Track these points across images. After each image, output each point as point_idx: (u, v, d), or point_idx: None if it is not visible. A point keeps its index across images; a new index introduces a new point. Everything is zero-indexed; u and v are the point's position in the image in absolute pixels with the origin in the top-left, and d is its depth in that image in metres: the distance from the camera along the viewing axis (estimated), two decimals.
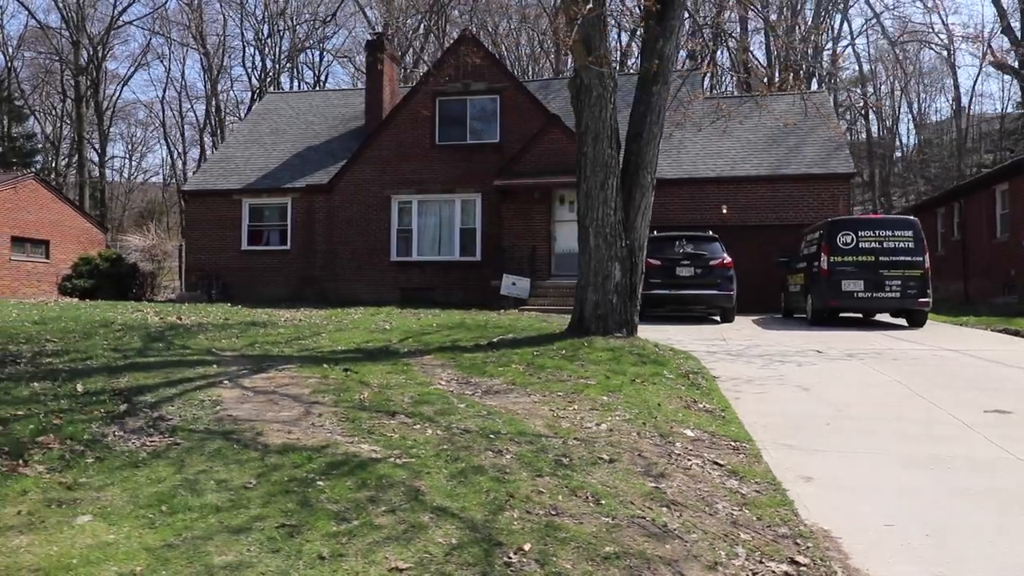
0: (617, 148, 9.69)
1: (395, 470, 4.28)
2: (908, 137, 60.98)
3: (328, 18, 54.22)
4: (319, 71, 59.98)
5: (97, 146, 58.23)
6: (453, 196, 21.79)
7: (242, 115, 59.95)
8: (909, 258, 13.63)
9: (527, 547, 3.36)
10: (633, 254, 9.67)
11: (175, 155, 66.34)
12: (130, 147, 76.04)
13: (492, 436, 5.12)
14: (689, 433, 5.68)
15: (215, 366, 7.63)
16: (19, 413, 5.51)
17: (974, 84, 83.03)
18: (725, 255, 15.19)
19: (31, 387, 6.50)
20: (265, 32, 57.85)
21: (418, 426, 5.36)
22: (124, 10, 57.17)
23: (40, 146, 56.74)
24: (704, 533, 3.78)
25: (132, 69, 71.27)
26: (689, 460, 5.04)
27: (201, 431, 5.10)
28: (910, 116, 58.92)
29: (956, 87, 52.33)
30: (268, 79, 57.81)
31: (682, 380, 7.59)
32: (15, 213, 27.87)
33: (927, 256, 13.75)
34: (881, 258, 13.68)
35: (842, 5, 45.11)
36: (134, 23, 69.05)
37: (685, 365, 8.43)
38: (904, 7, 63.56)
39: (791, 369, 8.72)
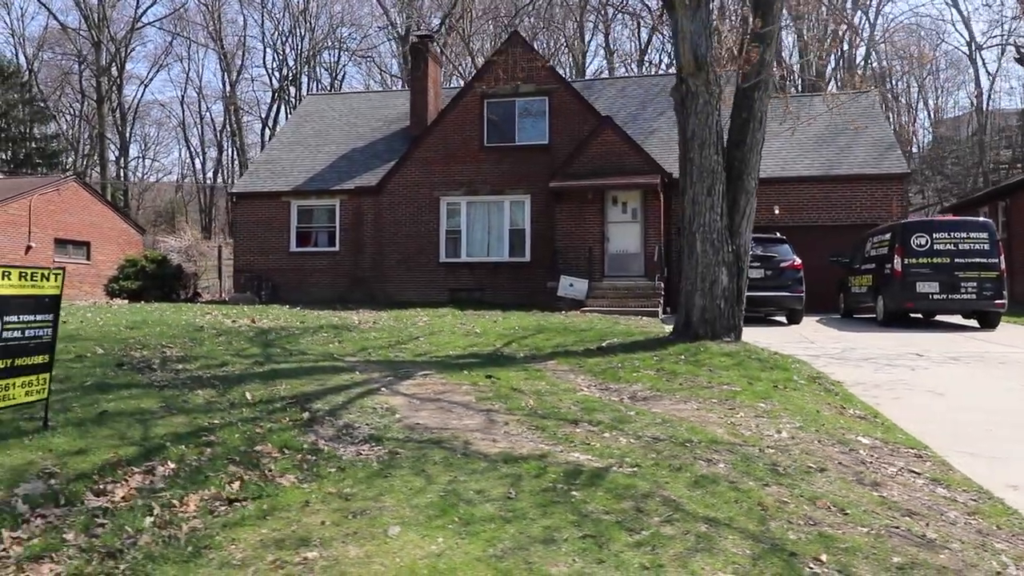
0: (721, 154, 9.80)
1: (633, 480, 4.40)
2: (924, 134, 60.86)
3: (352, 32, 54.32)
4: (335, 72, 60.04)
5: (117, 147, 58.55)
6: (502, 197, 21.91)
7: (262, 115, 60.31)
8: (984, 260, 13.73)
9: (823, 557, 3.48)
10: (739, 259, 9.80)
11: (193, 154, 66.69)
12: (143, 147, 76.26)
13: (687, 444, 5.24)
14: (864, 440, 5.80)
15: (357, 372, 7.76)
16: (215, 422, 5.66)
17: (992, 81, 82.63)
18: (795, 257, 15.31)
19: (197, 395, 6.65)
20: (286, 29, 58.10)
21: (607, 434, 5.49)
22: (145, 11, 57.38)
23: (63, 147, 56.88)
24: (961, 543, 3.89)
25: (154, 71, 71.48)
26: (885, 468, 5.15)
27: (404, 439, 5.23)
28: (926, 112, 58.90)
29: (977, 83, 52.14)
30: (287, 79, 58.00)
31: (814, 385, 7.70)
32: (58, 215, 28.10)
33: (1002, 258, 13.85)
34: (956, 260, 13.78)
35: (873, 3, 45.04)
36: (153, 24, 69.48)
37: (804, 370, 8.54)
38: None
39: (907, 373, 8.83)
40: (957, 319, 15.38)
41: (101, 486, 4.30)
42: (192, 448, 4.99)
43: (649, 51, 54.03)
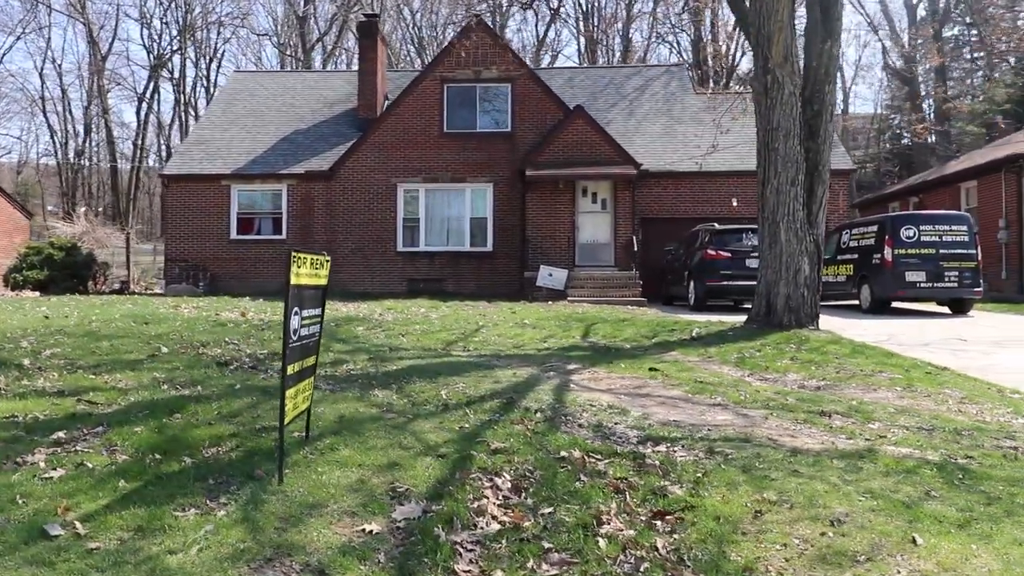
0: (802, 145, 9.93)
1: (1003, 472, 4.31)
2: None
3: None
4: (212, 53, 56.53)
5: None
6: (463, 185, 21.38)
7: (138, 89, 55.91)
8: (964, 251, 14.71)
9: None
10: (818, 248, 9.98)
11: (53, 132, 60.89)
12: None
13: (963, 433, 5.20)
14: None
15: (509, 369, 7.27)
16: (464, 426, 5.11)
17: (849, 85, 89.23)
18: None
19: (376, 396, 6.01)
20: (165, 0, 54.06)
21: (874, 425, 5.38)
22: None
23: None
24: None
25: (13, 40, 64.69)
26: None
27: (689, 438, 4.90)
28: None
29: (843, 86, 56.12)
30: (165, 55, 54.12)
31: (947, 372, 7.89)
32: None
33: (979, 249, 14.92)
34: (941, 251, 14.69)
35: None
36: None
37: (909, 358, 8.77)
38: None
39: (987, 359, 9.16)
40: (926, 307, 16.44)
41: (473, 505, 3.76)
42: (493, 456, 4.46)
43: (544, 45, 54.65)
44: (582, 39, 44.70)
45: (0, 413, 5.26)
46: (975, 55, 49.53)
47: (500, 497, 3.95)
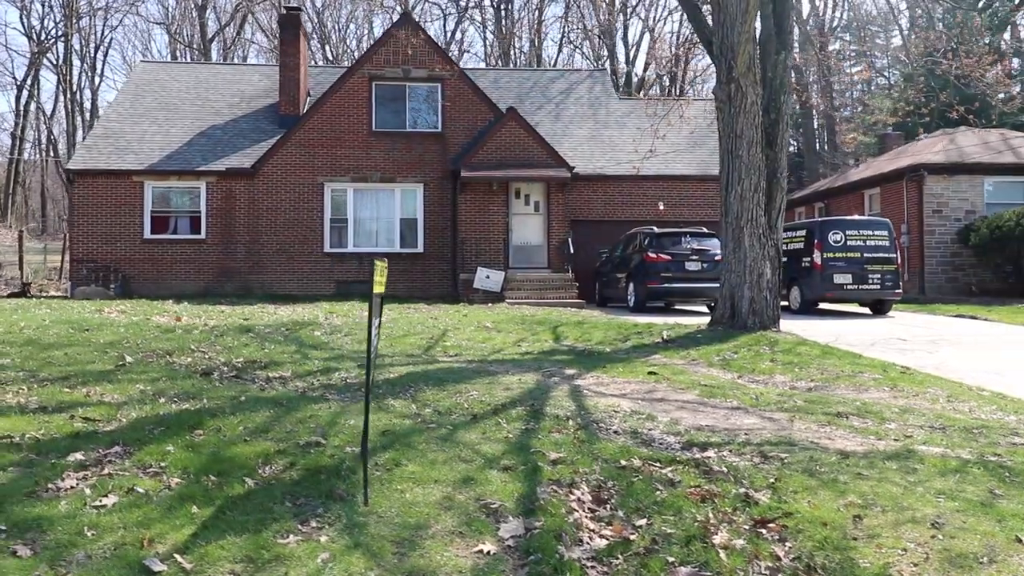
0: (763, 152, 10.25)
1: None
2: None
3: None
4: (99, 40, 53.52)
5: None
6: (393, 185, 21.01)
7: (17, 77, 52.07)
8: (886, 254, 15.60)
9: None
10: (778, 252, 10.33)
11: None
12: None
13: (973, 431, 5.49)
14: None
15: (509, 375, 7.15)
16: (508, 436, 4.99)
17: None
18: None
19: (393, 405, 5.79)
20: None
21: (890, 425, 5.59)
22: None
23: None
24: None
25: None
26: None
27: (732, 443, 4.96)
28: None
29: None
30: (46, 40, 50.69)
31: (915, 372, 8.32)
32: None
33: (899, 253, 15.84)
34: (865, 254, 15.53)
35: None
36: None
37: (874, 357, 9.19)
38: None
39: (934, 357, 9.71)
40: (847, 307, 17.33)
41: (568, 519, 3.66)
42: (555, 467, 4.37)
43: (450, 45, 54.44)
44: (489, 36, 44.73)
45: None
46: (854, 68, 52.74)
47: (587, 510, 3.87)
